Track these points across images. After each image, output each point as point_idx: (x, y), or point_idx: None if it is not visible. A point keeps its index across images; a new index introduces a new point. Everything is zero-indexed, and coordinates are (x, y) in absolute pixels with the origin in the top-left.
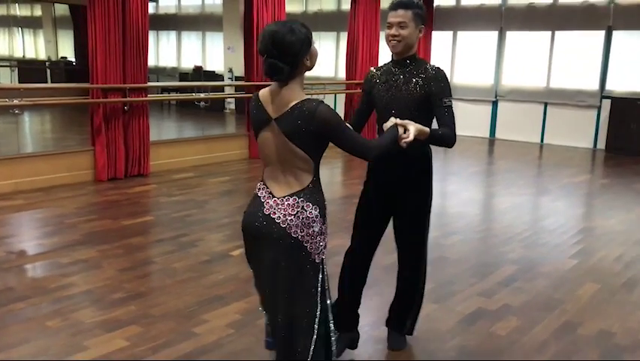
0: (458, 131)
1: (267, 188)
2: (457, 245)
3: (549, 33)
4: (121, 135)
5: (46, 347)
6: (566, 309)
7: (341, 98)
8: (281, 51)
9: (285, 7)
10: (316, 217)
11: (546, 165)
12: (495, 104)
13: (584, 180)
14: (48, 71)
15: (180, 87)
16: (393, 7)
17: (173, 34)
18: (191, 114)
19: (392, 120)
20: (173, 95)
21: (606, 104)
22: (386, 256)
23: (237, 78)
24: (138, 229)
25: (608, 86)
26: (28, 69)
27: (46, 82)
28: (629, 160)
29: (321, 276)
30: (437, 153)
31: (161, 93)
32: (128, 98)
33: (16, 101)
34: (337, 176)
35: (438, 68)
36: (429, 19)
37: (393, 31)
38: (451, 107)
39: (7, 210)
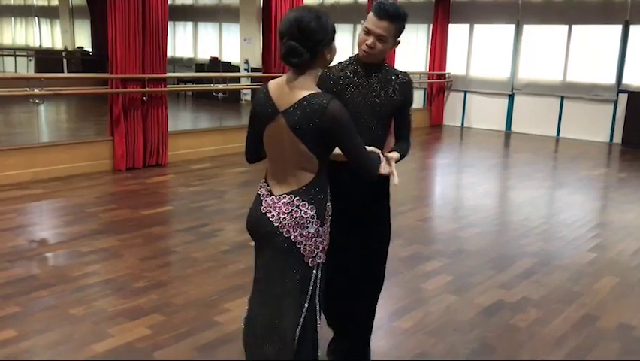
0: (475, 124)
1: (268, 186)
2: (475, 237)
3: (566, 27)
4: (140, 125)
5: (70, 334)
6: (585, 302)
7: None
8: (304, 35)
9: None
10: (312, 218)
11: (562, 158)
12: (511, 97)
13: (600, 174)
14: (65, 60)
15: (198, 78)
16: (379, 14)
17: (189, 25)
18: (208, 105)
19: (375, 150)
20: (192, 87)
21: (623, 98)
22: (403, 248)
23: (253, 69)
24: (158, 218)
25: (625, 80)
26: (44, 59)
27: (62, 72)
28: None
29: (312, 281)
30: (453, 145)
31: (178, 84)
32: (147, 89)
33: (36, 91)
34: None
35: (407, 73)
36: (446, 11)
37: (369, 41)
38: (411, 115)
39: (26, 199)
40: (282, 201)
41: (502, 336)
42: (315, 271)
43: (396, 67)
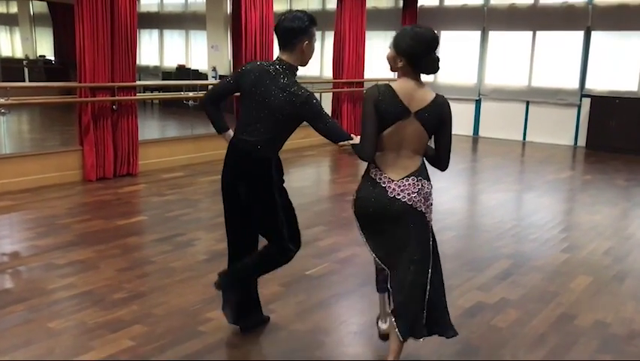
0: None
1: (384, 173)
2: (451, 241)
3: (530, 33)
4: (109, 135)
5: (51, 348)
6: (561, 301)
7: (327, 97)
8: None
9: (272, 7)
10: (431, 191)
11: (529, 162)
12: (478, 102)
13: (567, 177)
14: (26, 69)
15: (168, 86)
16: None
17: (155, 32)
18: (177, 113)
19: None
20: (163, 95)
21: (586, 102)
22: None
23: (221, 77)
24: (133, 228)
25: (588, 85)
26: (4, 67)
27: (24, 81)
28: (608, 157)
29: (432, 235)
30: None
31: (146, 92)
32: (117, 97)
33: (1, 100)
34: (326, 174)
35: None
36: (413, 17)
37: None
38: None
39: None
40: (406, 183)
41: (485, 336)
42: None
43: (366, 74)
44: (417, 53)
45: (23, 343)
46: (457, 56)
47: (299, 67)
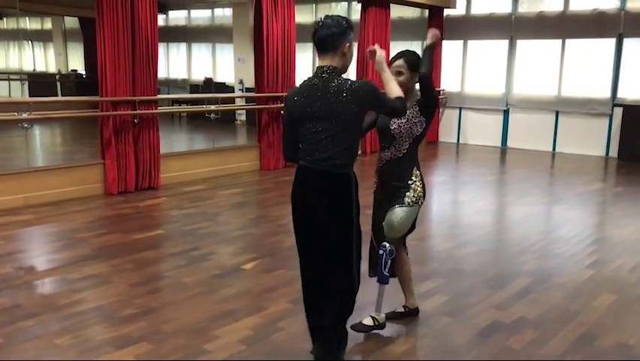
0: (471, 140)
1: None
2: (471, 256)
3: (560, 41)
4: (131, 148)
5: None
6: (583, 321)
7: None
8: None
9: (294, 18)
10: None
11: (559, 173)
12: (506, 113)
13: (597, 189)
14: (58, 84)
15: (190, 99)
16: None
17: (183, 45)
18: (202, 126)
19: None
20: (183, 108)
21: (618, 112)
22: None
23: (248, 89)
24: (149, 242)
25: (620, 94)
26: (38, 82)
27: (56, 95)
28: None
29: None
30: (449, 162)
31: (172, 105)
32: (138, 111)
33: (25, 115)
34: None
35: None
36: (439, 28)
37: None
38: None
39: (16, 225)
40: None
41: (498, 358)
42: None
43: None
44: None
45: (29, 359)
46: (484, 66)
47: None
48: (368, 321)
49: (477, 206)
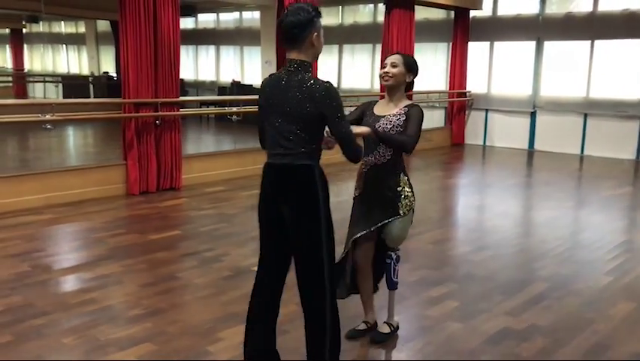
0: (497, 143)
1: None
2: (486, 261)
3: (588, 42)
4: (153, 149)
5: None
6: (598, 330)
7: None
8: None
9: None
10: None
11: (586, 177)
12: (533, 115)
13: (624, 193)
14: (91, 86)
15: (212, 101)
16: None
17: (212, 48)
18: (228, 128)
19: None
20: (205, 110)
21: None
22: (411, 272)
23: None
24: (164, 243)
25: None
26: (72, 84)
27: (89, 96)
28: None
29: None
30: (473, 164)
31: (200, 107)
32: (160, 113)
33: (48, 116)
34: None
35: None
36: (465, 29)
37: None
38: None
39: (36, 224)
40: None
41: None
42: None
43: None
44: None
45: (33, 358)
46: (511, 68)
47: (312, 63)
48: (384, 329)
49: (497, 210)
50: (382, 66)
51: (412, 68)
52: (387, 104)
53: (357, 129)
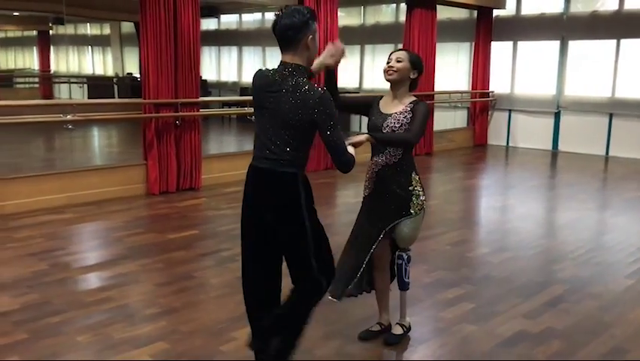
0: (520, 143)
1: None
2: (505, 263)
3: (614, 41)
4: (173, 149)
5: None
6: (615, 334)
7: None
8: None
9: (337, 21)
10: None
11: (610, 178)
12: (557, 115)
13: None
14: (115, 86)
15: (234, 102)
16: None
17: (234, 49)
18: (249, 128)
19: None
20: (223, 110)
21: None
22: (427, 273)
23: None
24: (182, 242)
25: None
26: (97, 85)
27: (113, 97)
28: None
29: None
30: (496, 165)
31: (222, 107)
32: (180, 113)
33: (69, 117)
34: None
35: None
36: (488, 29)
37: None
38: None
39: (57, 223)
40: None
41: None
42: None
43: (436, 87)
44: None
45: (47, 355)
46: (535, 67)
47: (308, 67)
48: (397, 330)
49: (518, 211)
50: (387, 61)
51: (416, 64)
52: (391, 100)
53: (355, 139)
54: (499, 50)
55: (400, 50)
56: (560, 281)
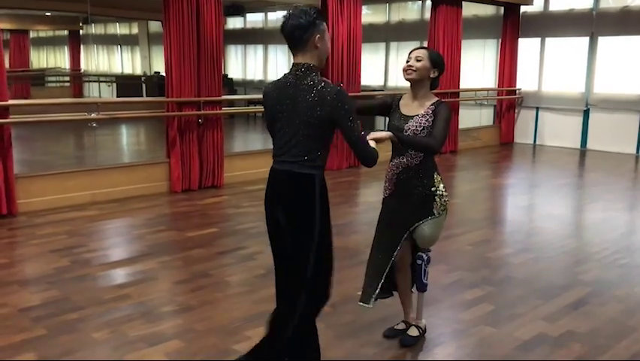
0: (548, 142)
1: None
2: (526, 264)
3: None
4: (195, 148)
5: (86, 359)
6: (638, 338)
7: None
8: None
9: (360, 18)
10: None
11: (639, 178)
12: (586, 113)
13: None
14: (144, 85)
15: (253, 100)
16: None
17: (260, 47)
18: None
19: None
20: (245, 108)
21: None
22: (446, 274)
23: None
24: (201, 240)
25: None
26: (125, 84)
27: (141, 95)
28: None
29: None
30: (522, 164)
31: (248, 105)
32: (203, 112)
33: (93, 115)
34: None
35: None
36: (515, 25)
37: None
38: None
39: (81, 220)
40: None
41: None
42: None
43: (462, 84)
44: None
45: (63, 352)
46: (563, 64)
47: (320, 67)
48: (413, 331)
49: (543, 211)
50: (407, 60)
51: (437, 63)
52: (412, 101)
53: (377, 135)
54: (527, 46)
55: (420, 47)
56: (583, 283)
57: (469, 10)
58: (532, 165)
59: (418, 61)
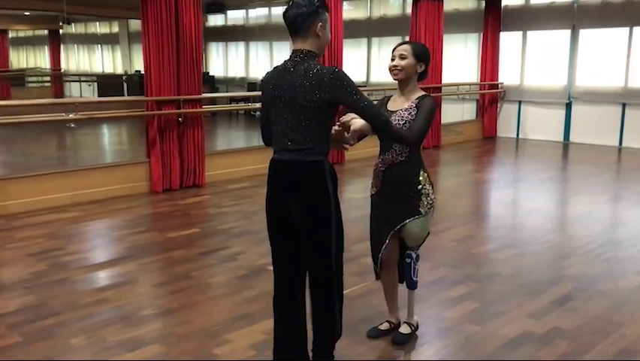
0: (531, 135)
1: None
2: (511, 260)
3: (626, 30)
4: (176, 147)
5: None
6: (625, 334)
7: None
8: None
9: (342, 14)
10: None
11: (623, 170)
12: (569, 106)
13: None
14: (125, 84)
15: (241, 97)
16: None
17: (241, 44)
18: (255, 124)
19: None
20: (227, 106)
21: None
22: (430, 271)
23: None
24: (182, 241)
25: None
26: (106, 83)
27: (123, 94)
28: None
29: None
30: (505, 158)
31: (230, 103)
32: (182, 110)
33: (71, 115)
34: None
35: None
36: (497, 19)
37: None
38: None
39: (60, 222)
40: None
41: None
42: None
43: (444, 79)
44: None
45: (40, 358)
46: (545, 58)
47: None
48: (405, 329)
49: (526, 205)
50: (391, 59)
51: (422, 56)
52: (399, 97)
53: (353, 125)
54: (509, 40)
55: (403, 43)
56: (568, 279)
57: (450, 4)
58: (516, 158)
59: (402, 59)
